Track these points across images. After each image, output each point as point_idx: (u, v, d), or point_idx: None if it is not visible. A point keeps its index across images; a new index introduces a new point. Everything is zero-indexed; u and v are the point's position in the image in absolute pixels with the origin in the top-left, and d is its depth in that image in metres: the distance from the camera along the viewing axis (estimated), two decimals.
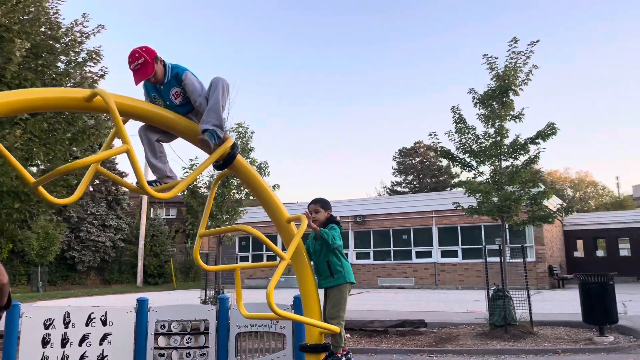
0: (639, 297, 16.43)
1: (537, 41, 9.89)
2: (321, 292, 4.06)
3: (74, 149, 8.40)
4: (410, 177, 49.02)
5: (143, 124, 3.55)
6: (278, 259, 3.29)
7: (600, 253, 29.19)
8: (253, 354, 6.50)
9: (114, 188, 34.49)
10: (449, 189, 47.65)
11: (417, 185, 48.24)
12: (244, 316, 3.54)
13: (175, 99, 3.63)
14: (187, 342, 6.39)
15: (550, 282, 22.47)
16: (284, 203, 4.23)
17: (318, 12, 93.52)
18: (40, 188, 2.96)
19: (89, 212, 33.15)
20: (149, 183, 3.60)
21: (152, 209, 39.88)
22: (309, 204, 4.37)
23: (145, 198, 30.25)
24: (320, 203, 4.36)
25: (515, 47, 10.06)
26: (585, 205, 53.64)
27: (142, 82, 3.63)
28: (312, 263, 4.05)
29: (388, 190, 49.27)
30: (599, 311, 8.84)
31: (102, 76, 8.84)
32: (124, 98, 2.99)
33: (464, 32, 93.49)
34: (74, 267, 32.61)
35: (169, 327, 6.44)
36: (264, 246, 29.78)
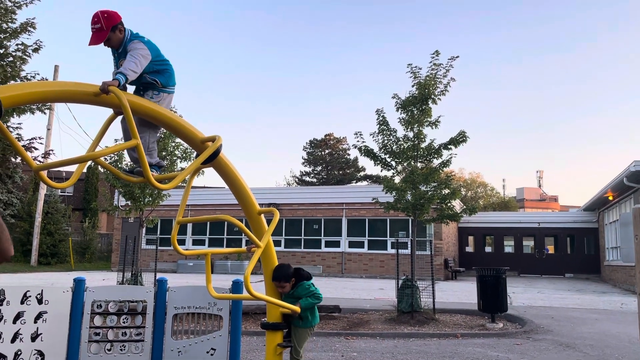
0: (520, 290, 18.51)
1: (457, 57, 10.88)
2: None
3: None
4: (319, 168, 50.23)
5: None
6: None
7: (488, 249, 32.07)
8: (189, 334, 6.79)
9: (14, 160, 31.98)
10: (354, 181, 49.49)
11: (325, 176, 49.57)
12: (213, 297, 3.91)
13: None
14: (124, 322, 6.54)
15: (445, 274, 24.43)
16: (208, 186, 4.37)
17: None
18: (41, 172, 3.15)
19: None
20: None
21: (46, 185, 37.57)
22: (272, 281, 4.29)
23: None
24: (282, 279, 4.26)
25: (436, 59, 10.97)
26: (475, 205, 58.07)
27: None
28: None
29: (297, 180, 50.15)
30: (493, 301, 10.08)
31: (36, 50, 8.42)
32: (134, 97, 3.22)
33: (382, 33, 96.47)
34: None
35: (106, 307, 6.55)
36: (171, 230, 29.36)
